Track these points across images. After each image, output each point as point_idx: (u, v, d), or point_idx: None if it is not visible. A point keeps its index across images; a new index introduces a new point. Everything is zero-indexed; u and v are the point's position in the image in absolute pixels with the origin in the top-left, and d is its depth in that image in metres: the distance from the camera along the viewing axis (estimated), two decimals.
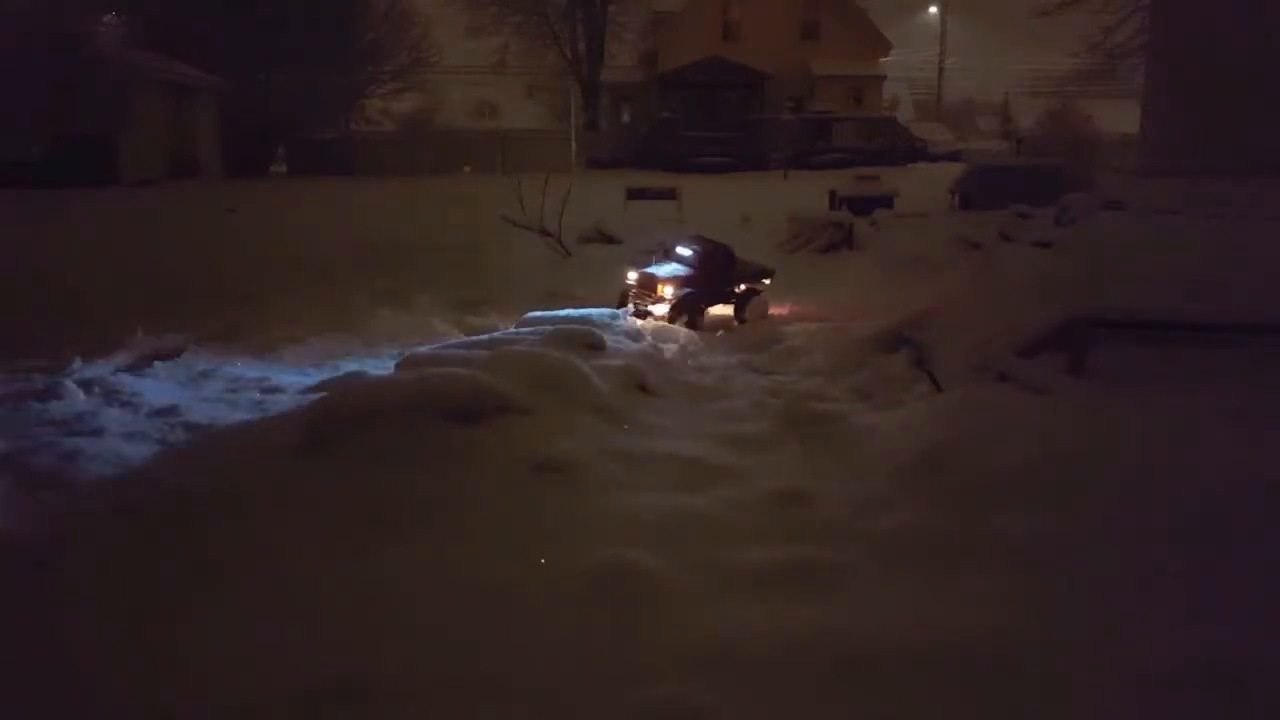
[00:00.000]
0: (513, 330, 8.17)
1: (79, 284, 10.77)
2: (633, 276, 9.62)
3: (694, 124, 36.57)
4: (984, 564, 3.83)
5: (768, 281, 10.10)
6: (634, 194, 18.50)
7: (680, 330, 8.82)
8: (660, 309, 9.25)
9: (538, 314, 8.66)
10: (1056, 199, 14.89)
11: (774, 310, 10.01)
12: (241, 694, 3.10)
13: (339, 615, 3.64)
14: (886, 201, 18.11)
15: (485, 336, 7.89)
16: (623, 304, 9.45)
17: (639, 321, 8.85)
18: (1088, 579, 3.57)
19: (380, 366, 7.57)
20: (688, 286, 9.44)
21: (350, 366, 7.67)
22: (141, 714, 3.03)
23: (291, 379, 7.26)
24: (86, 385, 6.67)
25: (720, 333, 9.34)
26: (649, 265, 9.89)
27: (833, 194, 18.68)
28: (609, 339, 7.36)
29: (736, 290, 9.88)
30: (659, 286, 9.32)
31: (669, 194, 18.38)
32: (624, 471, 5.05)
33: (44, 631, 3.46)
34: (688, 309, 9.33)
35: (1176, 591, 3.39)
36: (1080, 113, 34.26)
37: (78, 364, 7.36)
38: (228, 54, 30.88)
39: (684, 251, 9.87)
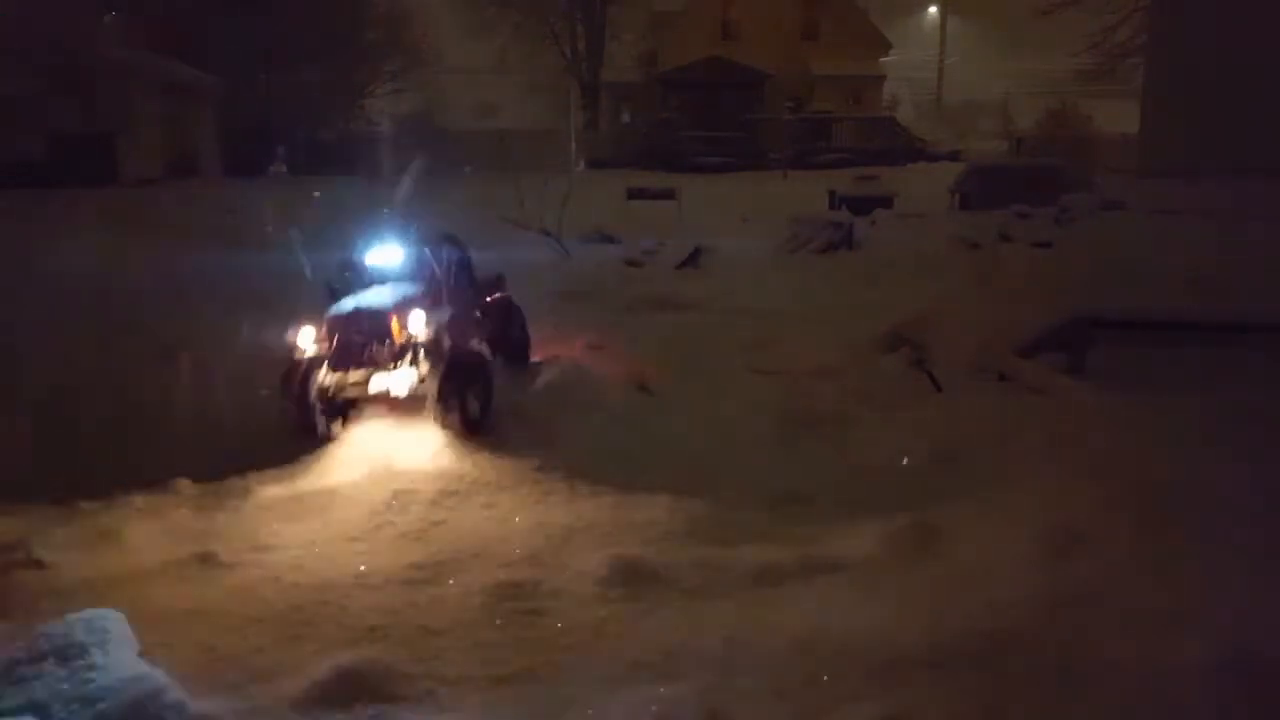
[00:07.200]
0: None
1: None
2: (310, 338, 5.17)
3: (694, 124, 36.54)
4: (990, 562, 3.83)
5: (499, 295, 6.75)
6: (634, 194, 18.50)
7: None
8: (400, 379, 5.04)
9: None
10: (1056, 199, 14.91)
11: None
12: (248, 700, 3.11)
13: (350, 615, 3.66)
14: (886, 201, 18.12)
15: None
16: (299, 389, 5.10)
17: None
18: (1096, 577, 3.57)
19: None
20: (443, 311, 5.38)
21: None
22: None
23: None
24: None
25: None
26: (339, 305, 5.38)
27: (832, 194, 18.69)
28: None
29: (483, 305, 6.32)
30: (395, 326, 5.12)
31: (669, 194, 18.39)
32: (626, 471, 5.06)
33: None
34: (463, 364, 5.21)
35: (1186, 587, 3.39)
36: (1080, 113, 34.21)
37: None
38: (228, 54, 30.85)
39: (385, 261, 5.73)
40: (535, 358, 6.64)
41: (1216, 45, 19.92)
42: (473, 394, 5.11)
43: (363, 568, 4.07)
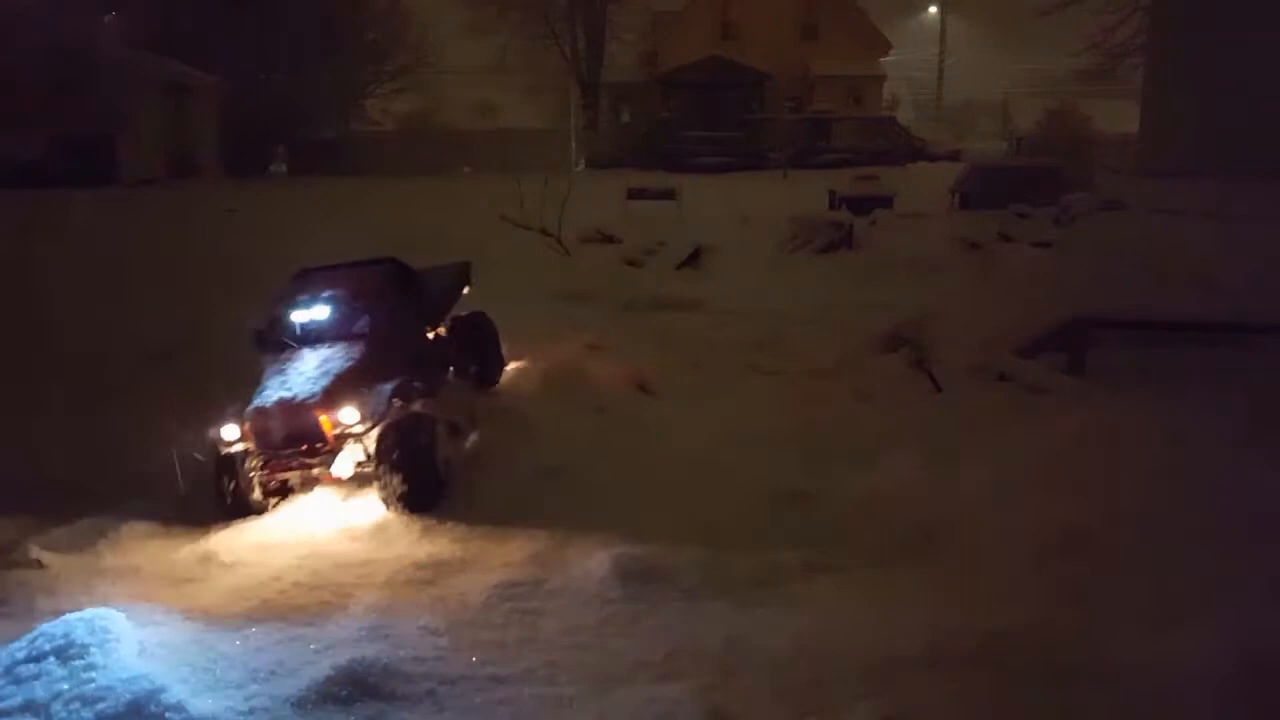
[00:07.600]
0: None
1: None
2: (233, 434, 4.69)
3: (694, 124, 36.57)
4: (990, 562, 3.83)
5: (467, 290, 6.42)
6: (634, 194, 18.49)
7: None
8: (342, 463, 4.68)
9: None
10: (1056, 199, 14.92)
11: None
12: (248, 700, 3.11)
13: (350, 615, 3.66)
14: (886, 201, 18.11)
15: None
16: (230, 484, 4.68)
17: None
18: (1096, 577, 3.57)
19: None
20: (381, 390, 4.84)
21: None
22: None
23: None
24: None
25: None
26: (263, 392, 4.79)
27: (832, 194, 18.70)
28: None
29: (443, 325, 5.97)
30: (325, 424, 4.64)
31: (669, 194, 18.38)
32: (627, 472, 5.06)
33: None
34: (415, 428, 4.66)
35: (1186, 587, 3.39)
36: (1080, 113, 34.25)
37: None
38: (228, 54, 30.85)
39: (307, 315, 5.16)
40: (536, 359, 6.60)
41: (1216, 45, 19.92)
42: (418, 464, 4.59)
43: (363, 568, 4.07)
